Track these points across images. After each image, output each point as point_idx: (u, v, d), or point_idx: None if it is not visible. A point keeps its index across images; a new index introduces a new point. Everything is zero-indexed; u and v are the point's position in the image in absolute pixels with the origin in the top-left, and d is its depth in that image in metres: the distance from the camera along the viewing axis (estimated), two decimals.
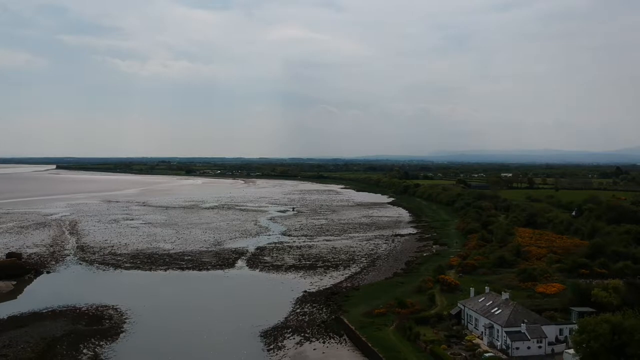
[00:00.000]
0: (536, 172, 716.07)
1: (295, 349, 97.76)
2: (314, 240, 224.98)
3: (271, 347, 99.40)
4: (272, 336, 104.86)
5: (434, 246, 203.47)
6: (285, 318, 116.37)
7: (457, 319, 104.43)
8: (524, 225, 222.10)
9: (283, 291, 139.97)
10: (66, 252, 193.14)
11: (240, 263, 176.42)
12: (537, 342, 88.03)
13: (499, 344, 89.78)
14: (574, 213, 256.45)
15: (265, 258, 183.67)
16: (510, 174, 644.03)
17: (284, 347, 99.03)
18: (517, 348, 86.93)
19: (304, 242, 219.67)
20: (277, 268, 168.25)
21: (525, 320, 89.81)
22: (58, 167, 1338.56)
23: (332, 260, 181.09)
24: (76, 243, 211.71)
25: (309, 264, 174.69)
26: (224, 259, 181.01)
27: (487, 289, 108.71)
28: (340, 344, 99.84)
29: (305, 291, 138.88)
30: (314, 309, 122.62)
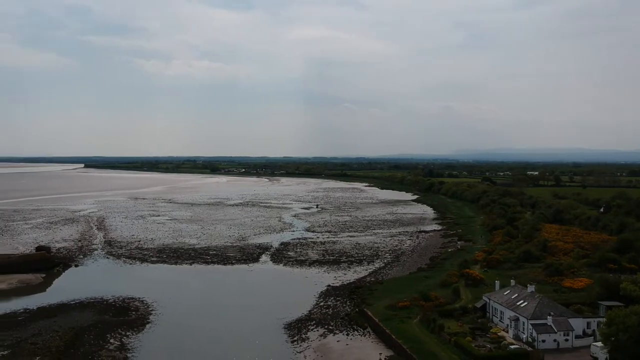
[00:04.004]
0: (563, 171, 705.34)
1: (319, 340, 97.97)
2: (338, 236, 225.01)
3: (295, 338, 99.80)
4: (296, 328, 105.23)
5: (458, 242, 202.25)
6: (309, 311, 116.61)
7: (482, 311, 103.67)
8: (550, 221, 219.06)
9: (307, 285, 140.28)
10: (94, 246, 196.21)
11: (264, 258, 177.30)
12: (564, 335, 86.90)
13: (524, 336, 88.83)
14: (601, 209, 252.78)
15: (289, 253, 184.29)
16: (537, 172, 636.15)
17: (308, 338, 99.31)
18: (543, 341, 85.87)
19: (327, 238, 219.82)
20: (300, 263, 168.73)
21: (552, 313, 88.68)
22: (86, 166, 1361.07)
23: (355, 255, 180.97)
24: (104, 238, 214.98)
25: (332, 259, 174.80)
26: (249, 254, 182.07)
27: (512, 282, 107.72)
28: (364, 336, 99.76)
29: (329, 285, 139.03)
30: (338, 302, 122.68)
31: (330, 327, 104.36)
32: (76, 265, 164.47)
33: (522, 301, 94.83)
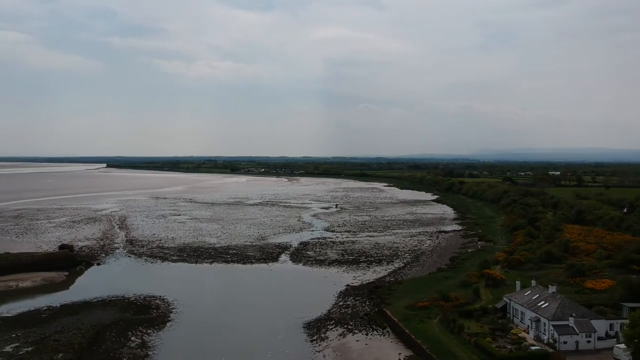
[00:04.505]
0: (585, 171, 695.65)
1: (338, 340, 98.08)
2: (357, 236, 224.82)
3: (314, 338, 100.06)
4: (315, 327, 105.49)
5: (478, 242, 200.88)
6: (328, 310, 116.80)
7: (503, 312, 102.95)
8: (572, 222, 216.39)
9: (326, 285, 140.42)
10: (116, 245, 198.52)
11: (283, 257, 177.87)
12: (586, 336, 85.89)
13: (545, 337, 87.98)
14: (625, 210, 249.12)
15: (308, 253, 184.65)
16: (558, 172, 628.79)
17: (327, 338, 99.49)
18: (565, 342, 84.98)
19: (347, 237, 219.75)
20: (320, 262, 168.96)
21: (574, 314, 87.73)
22: (108, 166, 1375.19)
23: (375, 255, 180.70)
24: (125, 237, 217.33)
25: (352, 258, 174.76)
26: (268, 253, 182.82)
27: (533, 282, 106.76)
28: (383, 335, 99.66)
29: (348, 285, 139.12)
30: (357, 302, 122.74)
31: (349, 327, 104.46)
32: (98, 264, 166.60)
33: (543, 302, 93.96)
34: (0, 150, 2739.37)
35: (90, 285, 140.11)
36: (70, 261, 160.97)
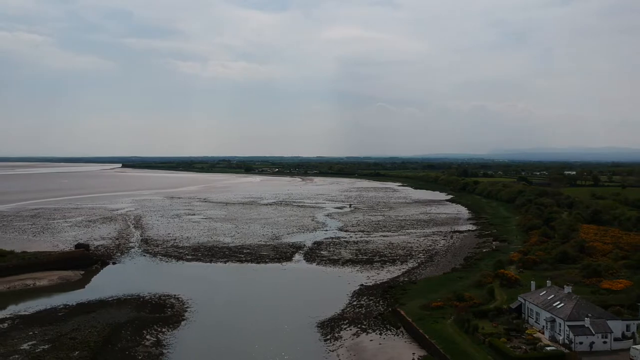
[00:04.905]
0: (601, 170, 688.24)
1: (352, 339, 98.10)
2: (371, 236, 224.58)
3: (328, 337, 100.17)
4: (329, 327, 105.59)
5: (493, 242, 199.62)
6: (342, 310, 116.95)
7: (517, 312, 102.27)
8: (588, 222, 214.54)
9: (340, 284, 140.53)
10: (131, 244, 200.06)
11: (297, 257, 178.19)
12: (602, 337, 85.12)
13: (561, 338, 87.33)
14: None
15: (322, 252, 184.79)
16: (574, 172, 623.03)
17: (341, 337, 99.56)
18: (581, 343, 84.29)
19: (360, 237, 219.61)
20: (333, 262, 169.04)
21: (589, 315, 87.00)
22: (124, 166, 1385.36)
23: (389, 255, 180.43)
24: (140, 236, 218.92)
25: (365, 258, 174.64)
26: (282, 253, 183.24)
27: (548, 282, 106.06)
28: (397, 335, 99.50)
29: (361, 284, 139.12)
30: (371, 301, 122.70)
31: (363, 327, 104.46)
32: (114, 263, 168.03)
33: (558, 302, 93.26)
34: (17, 151, 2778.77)
35: (106, 284, 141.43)
36: (86, 260, 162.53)
